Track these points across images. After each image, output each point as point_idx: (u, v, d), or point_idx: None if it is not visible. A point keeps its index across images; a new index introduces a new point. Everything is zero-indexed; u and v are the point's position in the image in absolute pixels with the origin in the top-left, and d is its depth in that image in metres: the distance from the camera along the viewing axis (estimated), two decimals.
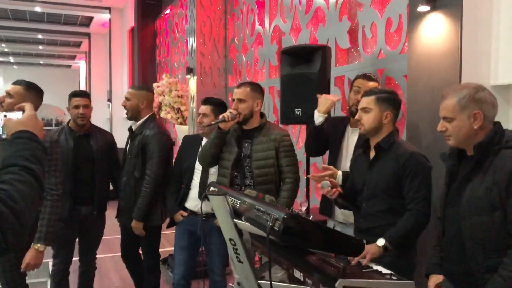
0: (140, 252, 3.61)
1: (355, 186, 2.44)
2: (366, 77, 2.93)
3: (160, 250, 3.60)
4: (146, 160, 3.30)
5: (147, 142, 3.28)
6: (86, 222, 3.43)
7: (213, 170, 3.16)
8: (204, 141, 3.25)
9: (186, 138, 3.47)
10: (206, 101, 3.25)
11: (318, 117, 2.88)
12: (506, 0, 2.55)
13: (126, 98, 3.43)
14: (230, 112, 2.88)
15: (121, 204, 3.48)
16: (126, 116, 3.47)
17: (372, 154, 2.35)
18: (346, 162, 2.82)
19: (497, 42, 2.58)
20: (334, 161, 2.95)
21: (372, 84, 2.86)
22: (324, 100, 2.87)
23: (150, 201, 3.28)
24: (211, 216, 3.08)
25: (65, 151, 3.25)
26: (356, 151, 2.59)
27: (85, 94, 3.47)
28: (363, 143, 2.45)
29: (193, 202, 3.23)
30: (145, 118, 3.40)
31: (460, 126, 1.85)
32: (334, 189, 2.33)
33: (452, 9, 2.64)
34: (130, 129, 3.49)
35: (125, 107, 3.44)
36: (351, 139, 2.87)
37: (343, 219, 2.86)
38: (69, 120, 3.45)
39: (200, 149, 3.16)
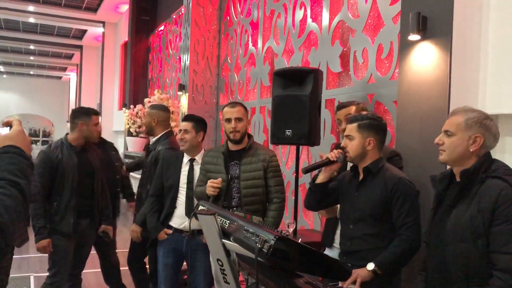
0: (145, 261, 3.82)
1: (334, 196, 2.46)
2: (340, 107, 2.98)
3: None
4: None
5: (159, 156, 3.47)
6: (84, 235, 3.42)
7: None
8: (185, 157, 3.25)
9: (166, 156, 3.40)
10: (187, 118, 3.30)
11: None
12: (494, 32, 2.62)
13: (145, 117, 3.93)
14: (213, 188, 2.84)
15: (135, 214, 3.69)
16: (143, 132, 4.01)
17: (361, 176, 2.36)
18: None
19: (485, 73, 2.64)
20: None
21: (346, 110, 2.87)
22: None
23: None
24: (197, 233, 3.07)
25: (70, 166, 3.29)
26: (347, 171, 2.57)
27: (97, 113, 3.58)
28: (352, 166, 2.46)
29: (178, 219, 3.19)
30: (160, 135, 3.68)
31: (457, 144, 1.87)
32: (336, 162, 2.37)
33: (442, 39, 2.71)
34: (147, 145, 3.88)
35: (140, 126, 3.98)
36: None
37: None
38: (67, 134, 3.46)
39: (195, 172, 3.15)
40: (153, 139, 3.74)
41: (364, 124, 2.31)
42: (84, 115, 3.40)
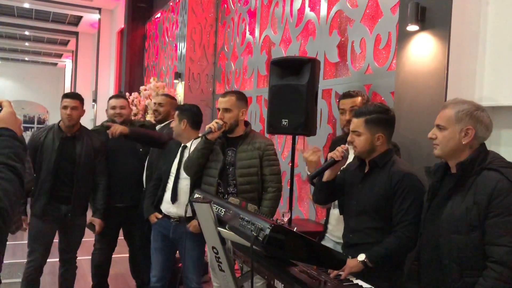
0: None
1: (341, 188, 2.40)
2: (346, 95, 2.89)
3: None
4: None
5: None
6: (66, 221, 3.43)
7: (185, 175, 3.16)
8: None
9: (171, 143, 3.46)
10: (177, 107, 3.39)
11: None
12: (493, 23, 2.61)
13: (160, 104, 4.00)
14: (216, 123, 2.88)
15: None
16: (155, 119, 4.07)
17: (367, 168, 2.30)
18: None
19: (482, 65, 2.64)
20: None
21: (352, 100, 2.82)
22: (308, 162, 2.70)
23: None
24: (184, 220, 3.07)
25: (49, 150, 3.37)
26: (352, 161, 2.49)
27: (76, 96, 3.53)
28: (358, 157, 2.38)
29: (166, 204, 3.23)
30: (168, 121, 3.93)
31: (449, 137, 1.87)
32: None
33: (440, 30, 2.70)
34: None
35: (156, 111, 4.01)
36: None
37: (337, 236, 2.69)
38: (60, 121, 3.52)
39: (185, 158, 3.15)
40: (160, 125, 3.98)
41: (372, 119, 2.22)
42: (61, 98, 3.49)
